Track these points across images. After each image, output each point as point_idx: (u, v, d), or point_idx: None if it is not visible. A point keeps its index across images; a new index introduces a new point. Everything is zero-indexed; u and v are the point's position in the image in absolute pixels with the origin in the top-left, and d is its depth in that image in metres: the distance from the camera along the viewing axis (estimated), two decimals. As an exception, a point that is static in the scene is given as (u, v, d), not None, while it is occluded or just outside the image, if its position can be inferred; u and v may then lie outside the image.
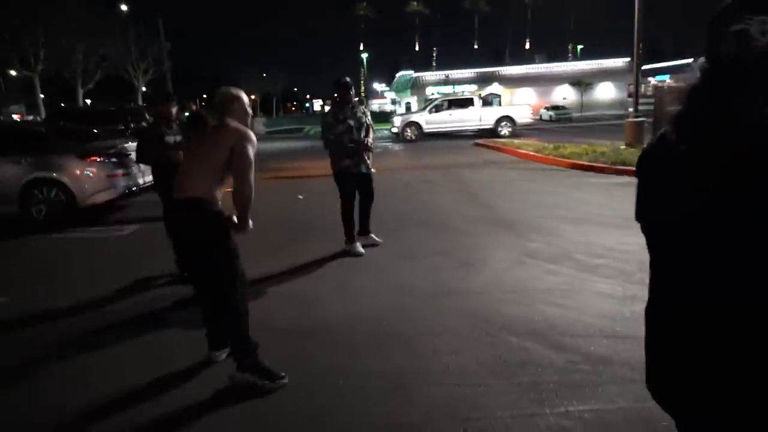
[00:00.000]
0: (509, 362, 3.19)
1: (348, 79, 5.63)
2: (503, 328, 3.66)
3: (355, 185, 5.61)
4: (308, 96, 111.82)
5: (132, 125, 12.96)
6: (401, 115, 27.52)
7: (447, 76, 45.04)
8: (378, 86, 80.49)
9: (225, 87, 3.22)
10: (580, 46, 62.28)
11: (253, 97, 55.33)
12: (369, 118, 5.64)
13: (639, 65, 13.67)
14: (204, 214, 2.94)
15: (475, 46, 69.22)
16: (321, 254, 5.62)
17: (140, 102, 33.09)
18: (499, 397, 2.82)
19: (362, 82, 70.76)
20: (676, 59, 52.76)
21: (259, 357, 3.02)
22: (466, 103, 23.29)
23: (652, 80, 46.29)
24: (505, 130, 22.11)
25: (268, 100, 76.46)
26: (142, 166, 6.85)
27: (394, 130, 23.93)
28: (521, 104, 26.39)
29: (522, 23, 66.64)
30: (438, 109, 22.97)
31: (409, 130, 22.59)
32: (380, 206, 6.94)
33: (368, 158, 5.62)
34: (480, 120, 22.63)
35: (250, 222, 3.02)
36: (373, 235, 5.91)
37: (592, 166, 10.88)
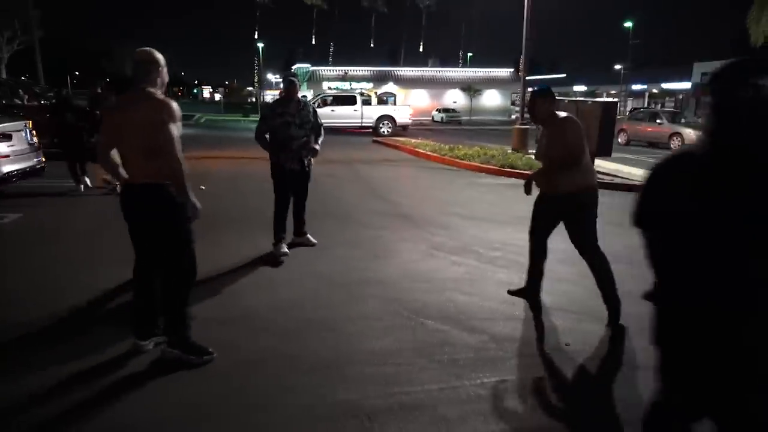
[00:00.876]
0: (429, 343, 3.50)
1: (295, 74, 5.59)
2: (419, 314, 3.97)
3: (287, 182, 5.33)
4: (196, 82, 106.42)
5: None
6: None
7: (345, 72, 45.38)
8: (272, 77, 78.80)
9: (143, 48, 3.09)
10: (470, 54, 65.79)
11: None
12: (318, 118, 5.43)
13: (525, 76, 14.91)
14: (158, 197, 2.97)
15: (371, 45, 70.30)
16: (234, 246, 5.59)
17: (4, 75, 29.49)
18: (424, 373, 3.11)
19: (256, 71, 68.88)
20: (552, 73, 57.69)
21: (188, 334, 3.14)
22: (348, 100, 24.05)
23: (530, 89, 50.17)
24: (385, 129, 23.05)
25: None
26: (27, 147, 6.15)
27: None
28: (402, 105, 27.47)
29: (416, 26, 68.87)
30: (323, 104, 23.32)
31: None
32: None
33: (308, 158, 5.37)
34: (361, 118, 23.42)
35: (197, 202, 3.03)
36: (309, 236, 5.74)
37: (484, 167, 11.73)
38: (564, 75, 62.42)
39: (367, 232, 6.34)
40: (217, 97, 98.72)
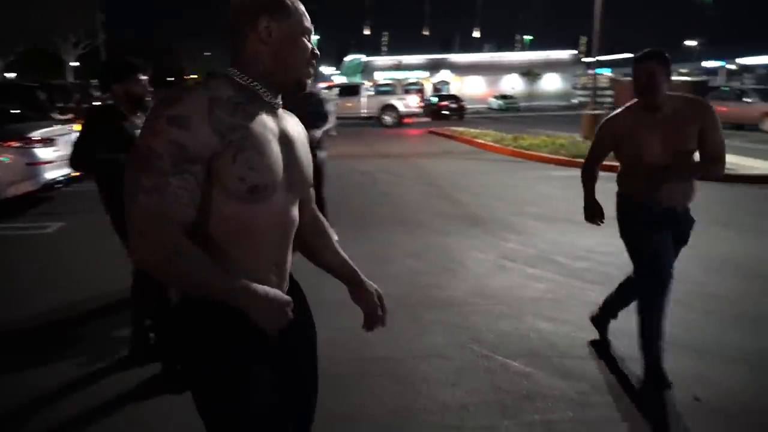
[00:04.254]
0: (512, 393, 2.77)
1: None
2: (497, 350, 3.24)
3: None
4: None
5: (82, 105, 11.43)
6: None
7: (399, 62, 44.59)
8: (326, 70, 78.98)
9: None
10: (529, 37, 63.19)
11: (195, 75, 52.70)
12: (325, 107, 5.10)
13: (595, 61, 13.67)
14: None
15: (425, 33, 68.93)
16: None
17: (71, 78, 30.67)
18: (511, 443, 2.40)
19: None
20: (613, 54, 54.61)
21: None
22: (352, 90, 23.52)
23: (590, 71, 47.64)
24: (389, 119, 22.15)
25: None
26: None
27: None
28: (408, 95, 26.33)
29: (471, 12, 66.85)
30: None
31: None
32: (340, 198, 6.42)
33: (318, 141, 4.97)
34: (365, 108, 22.74)
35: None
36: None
37: (553, 158, 10.73)
38: (632, 55, 58.92)
39: (432, 238, 5.64)
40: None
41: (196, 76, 51.98)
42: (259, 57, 1.27)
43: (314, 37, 1.40)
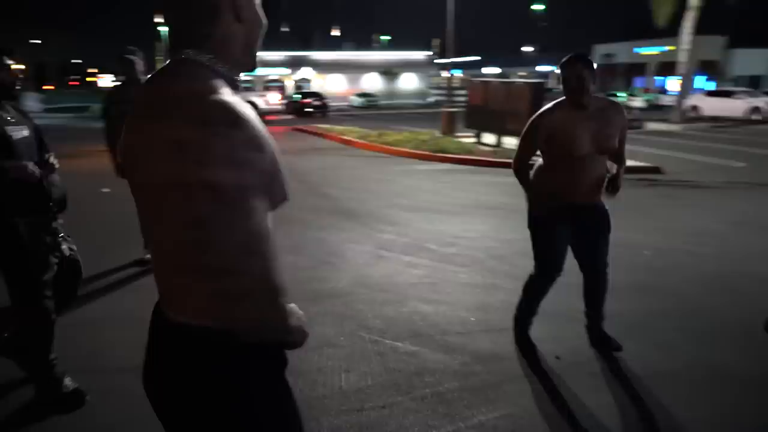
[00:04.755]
0: (404, 372, 2.93)
1: (133, 51, 4.40)
2: (384, 334, 3.40)
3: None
4: (96, 70, 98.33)
5: None
6: None
7: (260, 58, 43.41)
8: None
9: None
10: (386, 37, 65.26)
11: (22, 66, 46.28)
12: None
13: (450, 63, 14.62)
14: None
15: (284, 29, 67.93)
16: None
17: None
18: (409, 416, 2.54)
19: (156, 60, 64.35)
20: (463, 56, 58.66)
21: None
22: None
23: (445, 73, 51.18)
24: None
25: (43, 71, 65.03)
26: None
27: None
28: (269, 92, 26.07)
29: (330, 11, 67.33)
30: None
31: None
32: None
33: None
34: None
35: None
36: None
37: (417, 153, 11.30)
38: (478, 57, 63.84)
39: (309, 233, 5.66)
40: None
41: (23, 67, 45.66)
42: (234, 40, 1.05)
43: (164, 33, 1.25)
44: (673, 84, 25.70)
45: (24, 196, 2.35)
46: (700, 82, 36.00)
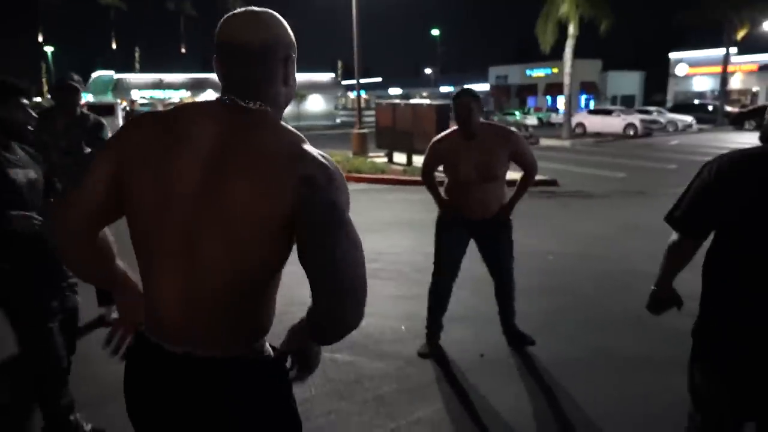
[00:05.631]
0: (345, 381, 3.12)
1: (72, 78, 3.74)
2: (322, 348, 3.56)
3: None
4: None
5: None
6: None
7: (161, 80, 41.75)
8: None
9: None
10: (290, 59, 65.15)
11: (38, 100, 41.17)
12: (105, 135, 3.75)
13: (359, 84, 15.09)
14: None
15: (183, 51, 65.88)
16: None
17: None
18: (354, 419, 2.74)
19: (44, 80, 59.87)
20: (366, 77, 60.11)
21: None
22: (107, 110, 21.15)
23: (349, 94, 52.17)
24: None
25: None
26: None
27: None
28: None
29: (230, 31, 66.04)
30: None
31: None
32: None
33: None
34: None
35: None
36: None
37: (331, 174, 11.53)
38: (381, 79, 65.61)
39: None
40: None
41: None
42: (279, 103, 1.17)
43: (49, 49, 1.16)
44: (562, 103, 28.14)
45: (28, 245, 2.28)
46: (583, 101, 39.70)
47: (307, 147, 1.10)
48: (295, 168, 1.04)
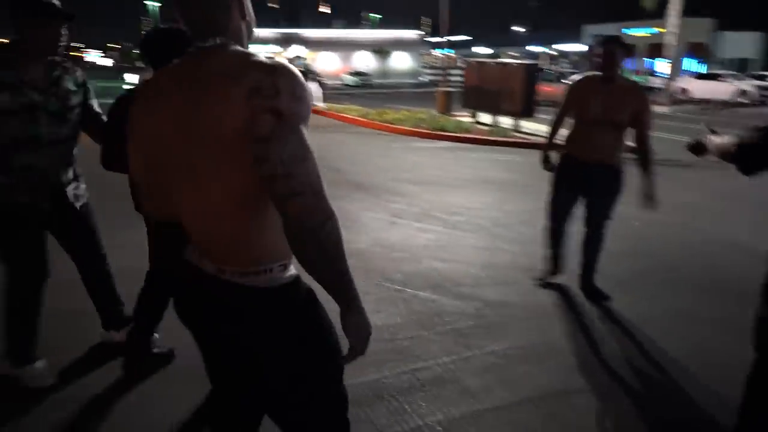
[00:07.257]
0: (426, 314, 3.45)
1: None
2: (407, 284, 3.90)
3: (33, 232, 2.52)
4: (83, 45, 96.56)
5: None
6: None
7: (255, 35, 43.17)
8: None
9: None
10: (373, 15, 64.91)
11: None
12: (92, 95, 2.64)
13: (446, 41, 14.93)
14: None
15: (271, 5, 67.11)
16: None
17: None
18: (432, 345, 3.07)
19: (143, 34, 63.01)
20: (452, 35, 58.62)
21: None
22: None
23: (434, 52, 51.29)
24: None
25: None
26: None
27: None
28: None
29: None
30: None
31: None
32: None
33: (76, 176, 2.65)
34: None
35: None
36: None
37: (416, 131, 11.74)
38: (470, 37, 63.83)
39: (323, 202, 6.12)
40: (109, 62, 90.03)
41: None
42: (240, 36, 1.26)
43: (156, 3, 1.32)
44: (662, 66, 26.21)
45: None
46: (691, 64, 36.57)
47: (256, 58, 1.16)
48: (242, 81, 1.12)
